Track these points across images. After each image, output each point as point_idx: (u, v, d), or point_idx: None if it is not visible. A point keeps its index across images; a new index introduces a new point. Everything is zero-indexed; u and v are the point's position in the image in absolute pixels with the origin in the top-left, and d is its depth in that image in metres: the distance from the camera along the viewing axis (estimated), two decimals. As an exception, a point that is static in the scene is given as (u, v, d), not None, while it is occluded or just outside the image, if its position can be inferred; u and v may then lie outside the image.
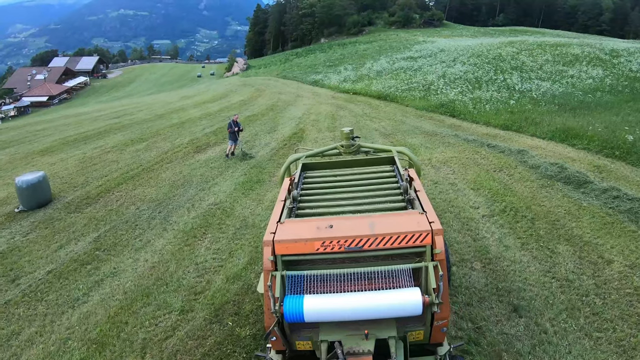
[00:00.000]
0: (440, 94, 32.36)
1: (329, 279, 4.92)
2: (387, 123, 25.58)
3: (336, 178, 7.21)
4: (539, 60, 40.05)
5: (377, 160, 7.92)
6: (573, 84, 31.66)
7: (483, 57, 43.77)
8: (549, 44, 46.48)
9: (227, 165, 18.44)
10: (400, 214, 5.40)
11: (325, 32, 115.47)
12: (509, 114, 25.00)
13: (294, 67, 73.46)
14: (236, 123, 19.27)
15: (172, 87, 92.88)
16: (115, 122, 32.42)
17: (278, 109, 33.93)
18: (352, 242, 4.80)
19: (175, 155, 20.60)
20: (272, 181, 16.02)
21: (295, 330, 5.07)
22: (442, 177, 15.48)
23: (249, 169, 17.69)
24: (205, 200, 14.49)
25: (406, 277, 4.83)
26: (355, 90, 41.13)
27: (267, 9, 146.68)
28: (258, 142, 22.46)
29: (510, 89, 31.46)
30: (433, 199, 13.25)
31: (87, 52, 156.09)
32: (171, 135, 25.22)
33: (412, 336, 5.07)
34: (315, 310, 4.59)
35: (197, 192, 15.43)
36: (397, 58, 55.28)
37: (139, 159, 20.38)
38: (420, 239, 4.81)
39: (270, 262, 4.85)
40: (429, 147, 19.58)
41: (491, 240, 10.63)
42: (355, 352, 4.63)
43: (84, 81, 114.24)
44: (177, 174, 17.59)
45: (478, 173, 15.59)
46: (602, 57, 39.36)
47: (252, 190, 15.21)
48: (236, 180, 16.42)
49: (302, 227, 5.15)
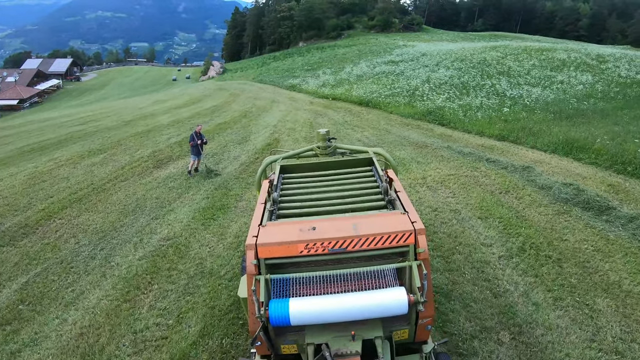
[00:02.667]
0: (427, 100, 30.19)
1: (313, 281, 4.90)
2: (371, 132, 23.30)
3: (315, 179, 7.11)
4: (526, 65, 38.47)
5: (355, 162, 7.81)
6: (564, 90, 30.14)
7: (467, 62, 42.09)
8: (534, 49, 45.13)
9: (188, 185, 15.93)
10: (382, 214, 5.39)
11: (303, 36, 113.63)
12: (502, 122, 23.02)
13: (270, 71, 71.24)
14: (199, 135, 16.79)
15: (146, 90, 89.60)
16: (79, 129, 30.03)
17: (252, 116, 31.41)
18: (335, 244, 4.77)
19: (133, 171, 18.07)
20: (238, 207, 13.59)
21: (281, 334, 4.98)
22: (442, 201, 13.23)
23: (212, 190, 15.21)
24: (156, 234, 12.01)
25: (390, 277, 4.88)
26: (335, 95, 38.82)
27: (246, 12, 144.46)
28: (226, 155, 19.99)
29: (500, 95, 29.55)
30: (435, 232, 11.04)
31: (62, 54, 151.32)
32: (133, 146, 22.64)
33: (397, 335, 5.07)
34: (301, 313, 4.53)
35: (149, 221, 12.94)
36: (378, 62, 53.31)
37: (91, 175, 17.93)
38: (403, 239, 4.83)
39: (254, 266, 4.77)
40: (420, 162, 17.35)
41: (516, 295, 8.35)
42: (342, 353, 4.62)
43: (56, 84, 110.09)
44: (130, 196, 15.08)
45: (482, 196, 13.38)
46: (589, 63, 38.23)
47: (214, 219, 12.72)
48: (196, 205, 13.93)
49: (285, 229, 5.08)
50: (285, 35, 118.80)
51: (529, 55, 41.85)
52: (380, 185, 6.30)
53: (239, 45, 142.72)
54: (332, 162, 7.88)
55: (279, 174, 7.29)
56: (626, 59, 38.73)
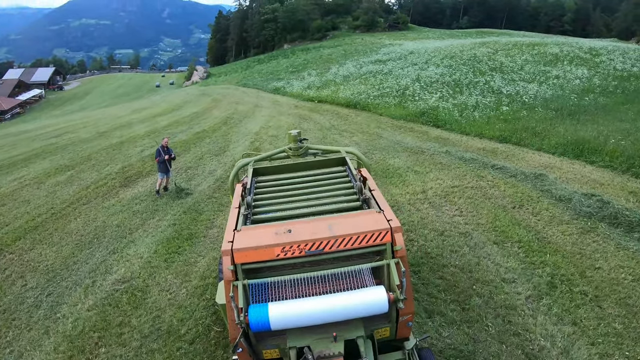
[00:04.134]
0: (419, 100, 28.41)
1: (291, 284, 4.82)
2: (361, 138, 21.45)
3: (289, 181, 7.01)
4: (518, 60, 36.91)
5: (328, 162, 7.72)
6: (561, 86, 28.75)
7: (457, 59, 40.43)
8: (525, 44, 43.81)
9: (155, 208, 13.99)
10: (357, 214, 5.32)
11: (288, 38, 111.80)
12: (502, 122, 21.36)
13: (255, 74, 69.25)
14: (166, 149, 14.91)
15: (128, 98, 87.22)
16: (52, 142, 28.08)
17: (233, 123, 29.42)
18: (312, 246, 4.73)
19: (97, 191, 16.15)
20: (208, 237, 11.66)
21: (262, 339, 4.89)
22: (448, 222, 11.41)
23: (180, 215, 13.26)
24: (111, 273, 10.10)
25: (367, 276, 4.87)
26: (321, 97, 36.88)
27: (229, 16, 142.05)
28: (201, 170, 18.02)
29: (496, 93, 27.89)
30: (445, 266, 9.24)
31: (45, 63, 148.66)
32: (103, 161, 20.69)
33: (378, 334, 5.03)
34: (281, 318, 4.46)
35: (105, 256, 11.03)
36: (365, 62, 51.51)
37: (54, 197, 16.06)
38: (380, 238, 4.81)
39: (231, 272, 4.66)
40: (418, 171, 15.53)
41: (554, 354, 6.55)
42: (325, 355, 4.57)
43: (38, 94, 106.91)
44: (89, 224, 13.16)
45: (494, 213, 11.59)
46: (582, 56, 36.89)
47: (179, 253, 10.79)
48: (160, 234, 11.97)
49: (260, 233, 4.98)
50: (269, 37, 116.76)
51: (520, 51, 40.43)
52: (354, 185, 6.24)
53: (224, 50, 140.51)
54: (304, 163, 7.76)
55: (251, 177, 7.19)
56: (619, 52, 37.65)
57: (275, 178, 7.27)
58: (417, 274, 8.91)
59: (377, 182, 14.45)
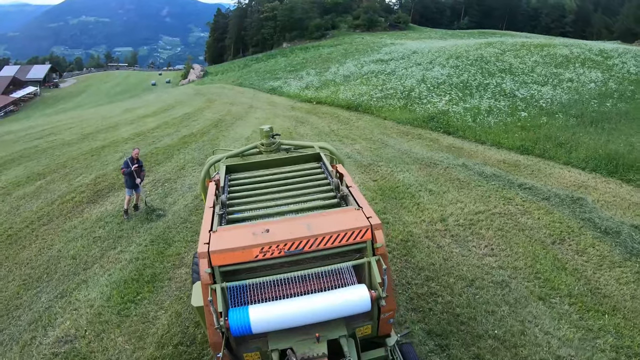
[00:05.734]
0: (426, 103, 26.26)
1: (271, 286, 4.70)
2: (364, 145, 19.31)
3: (263, 179, 6.78)
4: (528, 61, 34.74)
5: (302, 158, 7.43)
6: (576, 89, 26.62)
7: (463, 59, 38.26)
8: (533, 44, 41.65)
9: (119, 234, 11.83)
10: (336, 211, 5.25)
11: (287, 37, 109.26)
12: (520, 130, 19.31)
13: (252, 74, 67.08)
14: (136, 161, 12.80)
15: (123, 97, 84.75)
16: (33, 145, 25.97)
17: (224, 125, 27.26)
18: (291, 245, 4.63)
19: (62, 207, 14.07)
20: (174, 279, 9.48)
21: (242, 343, 4.75)
22: (478, 264, 9.27)
23: (147, 245, 11.07)
24: (54, 327, 8.04)
25: (348, 274, 4.80)
26: (319, 98, 34.68)
27: (228, 14, 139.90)
28: (180, 183, 15.84)
29: (509, 96, 25.77)
30: (480, 336, 7.08)
31: (41, 60, 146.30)
32: (78, 169, 18.57)
33: (360, 332, 4.96)
34: (262, 320, 4.35)
35: (52, 299, 8.95)
36: (366, 61, 49.31)
37: (15, 213, 14.03)
38: (360, 235, 4.75)
39: (208, 275, 4.48)
40: (433, 190, 13.37)
41: None
42: (309, 357, 4.46)
43: (33, 91, 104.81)
44: (44, 252, 11.08)
45: (532, 252, 9.49)
46: (594, 59, 34.72)
47: (137, 303, 8.62)
48: (119, 273, 9.79)
49: (237, 234, 4.82)
50: (268, 36, 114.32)
51: (529, 51, 38.14)
52: (331, 182, 6.18)
53: (222, 48, 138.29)
54: (278, 159, 7.51)
55: (224, 174, 6.89)
56: (631, 54, 35.52)
57: (249, 175, 7.04)
58: (445, 351, 6.83)
59: (386, 205, 12.34)
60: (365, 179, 14.76)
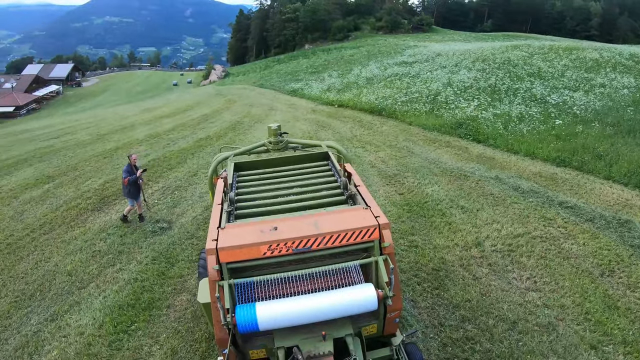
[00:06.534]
0: (454, 108, 24.92)
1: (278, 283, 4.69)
2: (388, 153, 18.18)
3: (271, 177, 6.85)
4: (557, 65, 33.20)
5: (310, 157, 7.55)
6: (609, 96, 25.01)
7: (490, 62, 36.81)
8: (561, 48, 40.13)
9: (120, 248, 10.89)
10: (344, 210, 5.29)
11: (309, 38, 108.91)
12: (555, 139, 17.97)
13: (273, 75, 66.32)
14: (134, 168, 11.99)
15: (143, 96, 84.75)
16: (48, 145, 25.46)
17: (242, 128, 26.28)
18: (299, 243, 4.65)
19: (66, 215, 13.28)
20: (173, 307, 8.41)
21: (248, 340, 4.77)
22: (520, 301, 8.05)
23: (147, 264, 10.05)
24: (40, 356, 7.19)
25: (355, 273, 4.79)
26: (342, 101, 33.42)
27: (250, 15, 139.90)
28: (191, 192, 14.88)
29: (540, 102, 24.33)
30: None
31: (65, 59, 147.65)
32: (88, 172, 17.85)
33: (366, 330, 4.96)
34: (269, 318, 4.35)
35: (42, 322, 8.10)
36: (389, 63, 48.02)
37: (18, 219, 13.30)
38: (367, 234, 4.75)
39: (216, 272, 4.53)
40: (465, 207, 12.18)
41: None
42: (315, 355, 4.44)
43: (55, 90, 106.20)
44: (41, 265, 10.25)
45: (580, 285, 8.32)
46: (625, 63, 33.08)
47: (130, 334, 7.60)
48: (115, 296, 8.80)
49: (245, 231, 4.87)
50: (290, 37, 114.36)
51: (557, 55, 36.63)
52: (338, 180, 6.19)
53: (244, 49, 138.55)
54: (286, 157, 7.55)
55: (233, 172, 6.95)
56: (663, 59, 33.56)
57: (257, 173, 7.05)
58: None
59: (414, 224, 11.24)
60: (391, 191, 13.66)
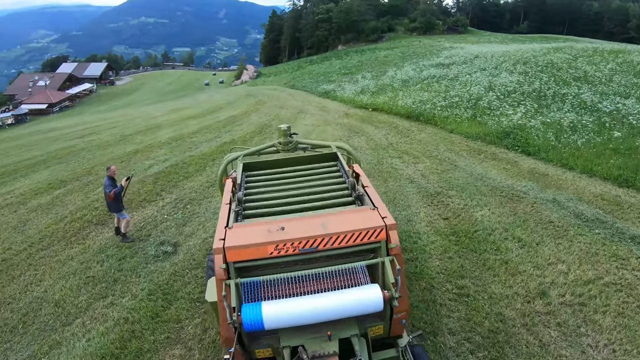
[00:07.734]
0: (499, 115, 22.83)
1: (284, 283, 4.70)
2: (428, 166, 16.39)
3: (280, 177, 6.88)
4: (604, 69, 30.68)
5: (319, 157, 7.56)
6: (664, 104, 22.59)
7: (532, 65, 34.58)
8: (606, 50, 37.78)
9: (117, 275, 9.52)
10: (351, 211, 5.30)
11: (342, 39, 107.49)
12: (614, 154, 15.88)
13: (305, 76, 65.01)
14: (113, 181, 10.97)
15: (174, 96, 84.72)
16: (70, 145, 24.94)
17: (269, 132, 24.74)
18: (306, 244, 4.63)
19: (67, 228, 12.14)
20: None
21: (254, 339, 4.76)
22: None
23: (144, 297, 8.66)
24: None
25: (362, 274, 4.79)
26: (376, 104, 31.58)
27: (283, 16, 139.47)
28: (205, 205, 13.44)
29: (591, 110, 22.09)
30: None
31: (99, 58, 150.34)
32: (100, 178, 16.59)
33: (372, 331, 4.93)
34: (275, 317, 4.34)
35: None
36: (425, 65, 46.15)
37: (20, 230, 12.43)
38: (374, 235, 4.73)
39: (223, 271, 4.53)
40: (523, 239, 10.25)
41: None
42: (320, 355, 4.43)
43: (89, 88, 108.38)
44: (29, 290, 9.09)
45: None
46: (676, 68, 30.36)
47: None
48: (99, 340, 7.42)
49: (253, 231, 4.88)
50: (323, 38, 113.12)
51: (603, 58, 34.17)
52: (346, 181, 6.20)
53: (277, 50, 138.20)
54: (295, 158, 7.53)
55: (242, 172, 6.97)
56: None
57: (266, 173, 7.06)
58: None
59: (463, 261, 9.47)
60: (434, 215, 11.94)
